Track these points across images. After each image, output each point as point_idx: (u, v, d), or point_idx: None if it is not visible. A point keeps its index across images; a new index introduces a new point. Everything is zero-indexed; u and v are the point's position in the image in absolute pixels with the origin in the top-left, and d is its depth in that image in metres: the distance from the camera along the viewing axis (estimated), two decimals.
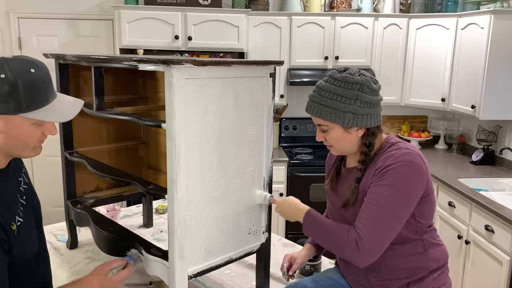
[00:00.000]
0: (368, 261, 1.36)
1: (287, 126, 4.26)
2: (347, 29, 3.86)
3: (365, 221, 1.35)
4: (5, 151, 1.22)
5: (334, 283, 1.59)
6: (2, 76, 1.12)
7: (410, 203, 1.36)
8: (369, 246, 1.33)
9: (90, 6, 4.05)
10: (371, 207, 1.35)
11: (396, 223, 1.36)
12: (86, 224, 1.90)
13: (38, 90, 1.18)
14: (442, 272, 1.49)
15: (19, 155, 1.26)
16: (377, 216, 1.34)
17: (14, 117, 1.16)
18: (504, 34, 3.15)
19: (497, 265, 2.53)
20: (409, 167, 1.35)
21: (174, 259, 1.41)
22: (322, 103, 1.41)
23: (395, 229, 1.36)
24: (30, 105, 1.16)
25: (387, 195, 1.34)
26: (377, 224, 1.34)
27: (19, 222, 1.27)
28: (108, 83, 1.91)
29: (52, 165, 4.00)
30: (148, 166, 2.30)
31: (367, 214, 1.36)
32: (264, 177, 1.67)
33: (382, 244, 1.35)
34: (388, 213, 1.33)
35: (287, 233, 3.83)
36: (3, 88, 1.12)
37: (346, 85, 1.39)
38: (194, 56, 3.76)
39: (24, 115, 1.16)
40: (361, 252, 1.34)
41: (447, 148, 4.20)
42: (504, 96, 3.24)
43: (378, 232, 1.34)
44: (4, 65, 1.14)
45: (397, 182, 1.34)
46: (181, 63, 1.29)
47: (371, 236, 1.33)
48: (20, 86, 1.14)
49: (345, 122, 1.40)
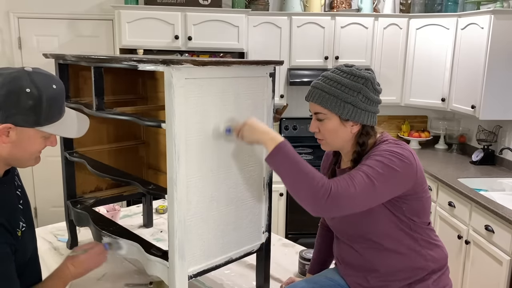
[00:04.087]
0: (324, 214, 1.33)
1: (287, 126, 4.26)
2: (347, 29, 3.86)
3: (349, 178, 1.31)
4: (7, 161, 1.23)
5: (333, 283, 1.59)
6: (27, 91, 1.13)
7: (394, 186, 1.33)
8: (337, 204, 1.27)
9: (90, 6, 4.05)
10: (360, 175, 1.31)
11: (374, 199, 1.32)
12: (86, 224, 1.90)
13: (57, 105, 1.21)
14: (443, 273, 1.49)
15: (20, 165, 1.27)
16: (361, 184, 1.29)
17: (28, 130, 1.18)
18: (504, 34, 3.15)
19: (497, 265, 2.53)
20: (397, 155, 1.33)
21: (174, 259, 1.41)
22: (325, 90, 1.40)
23: (369, 203, 1.32)
24: (47, 120, 1.19)
25: (371, 166, 1.32)
26: (358, 190, 1.28)
27: (24, 228, 1.29)
28: (108, 83, 1.91)
29: (52, 165, 3.99)
30: (148, 166, 2.30)
31: (353, 177, 1.31)
32: (264, 177, 1.67)
33: (348, 208, 1.30)
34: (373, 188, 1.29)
35: (287, 233, 3.83)
36: (27, 102, 1.13)
37: (352, 77, 1.40)
38: (194, 56, 3.76)
39: (40, 128, 1.18)
40: (327, 203, 1.27)
41: (447, 148, 4.20)
42: (504, 96, 3.24)
43: (354, 199, 1.28)
44: (27, 79, 1.15)
45: (383, 160, 1.32)
46: (181, 63, 1.29)
47: (347, 197, 1.27)
48: (44, 101, 1.16)
49: (344, 113, 1.39)
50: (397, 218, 1.40)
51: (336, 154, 1.59)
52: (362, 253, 1.48)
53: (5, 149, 1.19)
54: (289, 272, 1.94)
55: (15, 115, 1.13)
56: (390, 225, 1.41)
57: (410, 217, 1.42)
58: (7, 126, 1.14)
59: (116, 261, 2.00)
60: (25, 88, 1.13)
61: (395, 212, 1.40)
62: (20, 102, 1.13)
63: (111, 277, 1.88)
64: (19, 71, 1.16)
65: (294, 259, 2.00)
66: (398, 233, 1.42)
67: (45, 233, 2.28)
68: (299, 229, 3.82)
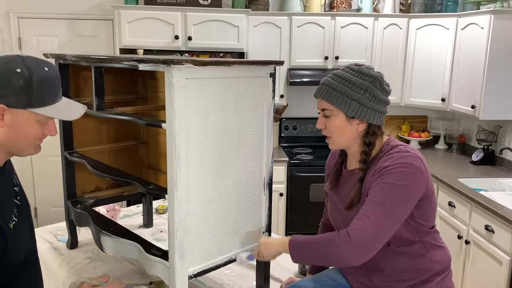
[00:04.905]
0: (362, 254, 1.33)
1: (287, 126, 4.26)
2: (347, 29, 3.86)
3: (360, 215, 1.34)
4: (6, 148, 1.24)
5: (334, 283, 1.59)
6: (18, 71, 1.16)
7: (408, 202, 1.36)
8: (362, 238, 1.31)
9: (90, 6, 4.05)
10: (369, 203, 1.35)
11: (393, 220, 1.34)
12: (86, 224, 1.91)
13: (49, 88, 1.22)
14: (446, 275, 1.49)
15: (20, 152, 1.27)
16: (374, 210, 1.33)
17: (22, 112, 1.19)
18: (504, 34, 3.15)
19: (497, 265, 2.53)
20: (409, 168, 1.35)
21: (174, 259, 1.41)
22: (332, 87, 1.42)
23: (391, 226, 1.34)
24: (40, 102, 1.20)
25: (385, 192, 1.34)
26: (373, 217, 1.32)
27: (14, 222, 1.28)
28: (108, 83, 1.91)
29: (52, 165, 4.00)
30: (148, 166, 2.30)
31: (364, 209, 1.35)
32: (264, 177, 1.67)
33: (376, 238, 1.32)
34: (385, 209, 1.32)
35: (287, 233, 3.83)
36: (17, 82, 1.16)
37: (360, 76, 1.41)
38: (194, 56, 3.76)
39: (32, 110, 1.19)
40: (354, 244, 1.30)
41: (447, 148, 4.20)
42: (504, 96, 3.24)
43: (373, 225, 1.32)
44: (20, 61, 1.18)
45: (396, 180, 1.34)
46: (181, 63, 1.29)
47: (365, 228, 1.31)
48: (34, 82, 1.17)
49: (350, 110, 1.40)
50: (406, 223, 1.40)
51: (342, 154, 1.59)
52: None
53: (1, 133, 1.20)
54: (289, 272, 1.94)
55: (7, 95, 1.15)
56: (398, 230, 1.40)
57: (419, 222, 1.42)
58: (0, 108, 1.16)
59: (116, 261, 2.00)
60: (16, 69, 1.16)
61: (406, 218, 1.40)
62: (12, 82, 1.15)
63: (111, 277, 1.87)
64: (13, 56, 1.20)
65: None
66: (406, 236, 1.42)
67: (45, 233, 2.28)
68: (299, 229, 3.82)
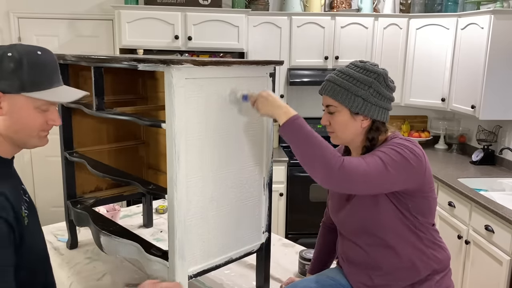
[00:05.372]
0: (339, 181, 1.31)
1: None
2: (347, 29, 3.86)
3: (363, 158, 1.35)
4: (10, 138, 1.22)
5: (335, 283, 1.59)
6: (9, 55, 1.16)
7: (405, 171, 1.35)
8: (351, 170, 1.30)
9: (90, 6, 4.05)
10: (369, 155, 1.37)
11: (383, 176, 1.33)
12: (86, 224, 1.90)
13: (42, 71, 1.20)
14: (445, 274, 1.49)
15: (24, 143, 1.25)
16: (372, 159, 1.34)
17: (18, 97, 1.18)
18: (504, 34, 3.15)
19: (497, 265, 2.53)
20: (410, 149, 1.36)
21: (174, 259, 1.41)
22: (337, 83, 1.43)
23: (380, 179, 1.33)
24: (33, 85, 1.18)
25: (384, 152, 1.35)
26: (369, 163, 1.32)
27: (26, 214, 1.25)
28: (108, 83, 1.91)
29: (52, 165, 4.00)
30: (148, 166, 2.30)
31: (367, 157, 1.35)
32: (264, 177, 1.67)
33: (362, 178, 1.31)
34: (381, 163, 1.32)
35: (287, 233, 3.83)
36: (8, 65, 1.16)
37: (364, 72, 1.43)
38: (194, 56, 3.76)
39: (27, 94, 1.18)
40: (341, 169, 1.29)
41: (447, 148, 4.20)
42: (504, 96, 3.24)
43: (366, 167, 1.31)
44: (12, 47, 1.19)
45: (397, 149, 1.36)
46: (181, 63, 1.29)
47: (358, 165, 1.31)
48: (24, 64, 1.17)
49: (354, 106, 1.41)
50: (402, 213, 1.41)
51: (346, 151, 1.59)
52: (366, 250, 1.48)
53: (1, 122, 1.19)
54: (289, 272, 1.94)
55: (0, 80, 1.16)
56: (394, 220, 1.41)
57: (415, 215, 1.42)
58: None
59: (116, 261, 2.00)
60: (7, 53, 1.16)
61: (400, 207, 1.41)
62: (2, 66, 1.15)
63: (111, 277, 1.88)
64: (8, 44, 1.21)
65: (294, 259, 2.00)
66: (403, 229, 1.42)
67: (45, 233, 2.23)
68: (299, 229, 3.82)
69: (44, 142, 1.28)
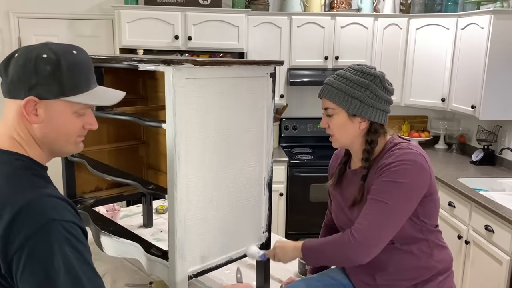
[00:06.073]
0: (366, 253, 1.35)
1: (287, 126, 4.26)
2: (347, 29, 3.86)
3: (363, 215, 1.37)
4: (46, 146, 1.14)
5: (336, 283, 1.59)
6: (44, 56, 1.06)
7: (411, 200, 1.36)
8: (366, 237, 1.34)
9: (90, 6, 4.05)
10: (371, 202, 1.37)
11: (395, 218, 1.35)
12: (86, 224, 1.90)
13: (81, 72, 1.11)
14: (448, 276, 1.49)
15: (60, 150, 1.18)
16: (377, 209, 1.35)
17: (56, 103, 1.08)
18: (504, 34, 3.15)
19: (497, 265, 2.53)
20: (411, 165, 1.36)
21: (174, 259, 1.41)
22: (334, 86, 1.45)
23: (394, 223, 1.36)
24: (72, 88, 1.09)
25: (387, 190, 1.35)
26: (376, 216, 1.34)
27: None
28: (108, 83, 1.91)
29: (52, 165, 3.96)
30: (148, 166, 2.30)
31: (366, 208, 1.37)
32: (264, 177, 1.67)
33: (379, 236, 1.35)
34: (387, 207, 1.34)
35: (287, 233, 3.83)
36: (45, 68, 1.05)
37: (361, 74, 1.44)
38: (194, 56, 3.76)
39: (67, 99, 1.09)
40: (357, 242, 1.34)
41: (447, 148, 4.20)
42: (504, 96, 3.24)
43: (376, 224, 1.34)
44: (45, 48, 1.08)
45: (398, 178, 1.35)
46: (181, 63, 1.29)
47: (368, 227, 1.34)
48: (63, 65, 1.07)
49: (351, 108, 1.42)
50: (410, 219, 1.41)
51: (347, 155, 1.59)
52: None
53: (37, 130, 1.10)
54: (289, 272, 1.94)
55: (36, 85, 1.06)
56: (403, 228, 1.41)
57: (423, 220, 1.43)
58: (31, 100, 1.06)
59: (116, 261, 2.00)
60: (42, 55, 1.06)
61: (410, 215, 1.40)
62: (38, 69, 1.05)
63: (111, 277, 1.87)
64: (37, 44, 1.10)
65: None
66: (410, 233, 1.43)
67: None
68: (299, 229, 3.82)
69: (80, 148, 1.20)
